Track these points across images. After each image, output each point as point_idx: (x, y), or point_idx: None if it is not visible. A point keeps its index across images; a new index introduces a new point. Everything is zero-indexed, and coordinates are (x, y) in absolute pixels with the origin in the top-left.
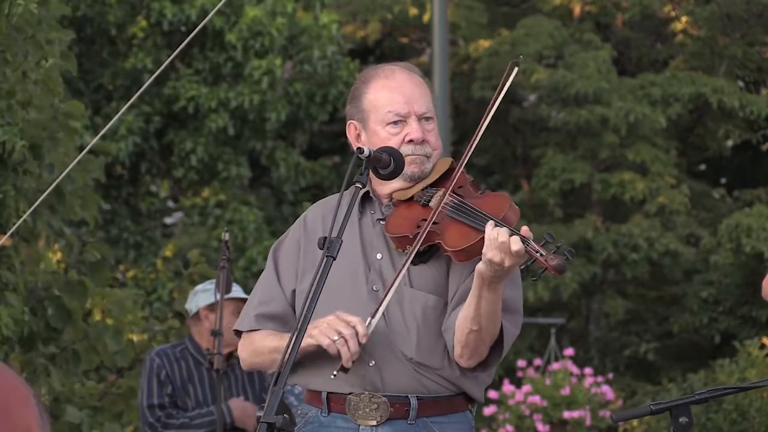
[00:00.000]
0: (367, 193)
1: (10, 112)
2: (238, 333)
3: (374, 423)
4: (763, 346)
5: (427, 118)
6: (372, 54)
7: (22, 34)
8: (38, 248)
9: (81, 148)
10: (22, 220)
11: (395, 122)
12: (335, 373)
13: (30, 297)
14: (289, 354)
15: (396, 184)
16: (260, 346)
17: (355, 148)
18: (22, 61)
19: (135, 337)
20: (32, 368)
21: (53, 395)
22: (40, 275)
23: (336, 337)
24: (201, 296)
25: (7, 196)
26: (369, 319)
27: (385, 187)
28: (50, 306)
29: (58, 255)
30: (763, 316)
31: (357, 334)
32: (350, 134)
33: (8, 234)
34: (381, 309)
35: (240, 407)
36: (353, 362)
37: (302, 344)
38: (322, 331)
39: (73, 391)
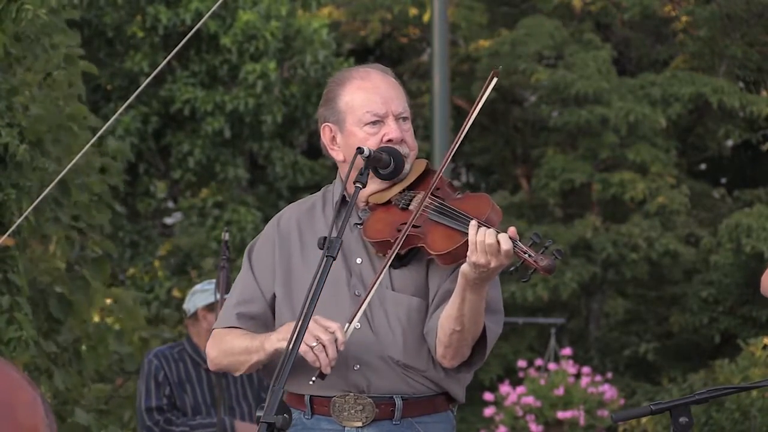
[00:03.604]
0: (343, 197)
1: (11, 112)
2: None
3: (360, 424)
4: (765, 347)
5: (404, 118)
6: (372, 54)
7: (29, 37)
8: (45, 246)
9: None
10: (23, 217)
11: (373, 122)
12: (313, 379)
13: (31, 292)
14: (289, 354)
15: (372, 187)
16: (231, 346)
17: (330, 151)
18: (32, 62)
19: (138, 338)
20: (34, 368)
21: (61, 398)
22: (41, 271)
23: (314, 344)
24: (199, 296)
25: (8, 198)
26: (347, 325)
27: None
28: (51, 299)
29: (55, 250)
30: (763, 316)
31: (336, 340)
32: (325, 137)
33: (9, 232)
34: (359, 314)
35: (245, 429)
36: (332, 368)
37: (278, 347)
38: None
39: (81, 394)
